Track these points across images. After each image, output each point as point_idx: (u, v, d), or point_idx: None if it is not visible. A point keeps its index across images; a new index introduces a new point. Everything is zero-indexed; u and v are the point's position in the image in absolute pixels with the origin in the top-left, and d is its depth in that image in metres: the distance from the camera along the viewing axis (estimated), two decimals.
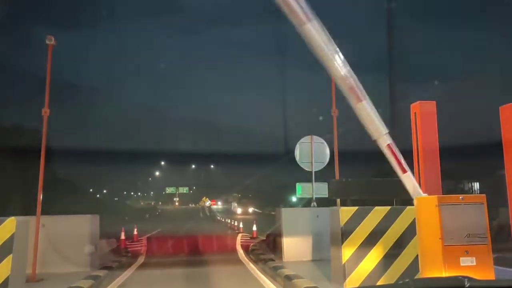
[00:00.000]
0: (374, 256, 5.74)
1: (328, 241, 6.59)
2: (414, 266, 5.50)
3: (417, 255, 5.47)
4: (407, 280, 1.89)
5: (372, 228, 5.79)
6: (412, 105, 4.78)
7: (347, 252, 5.77)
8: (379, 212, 5.88)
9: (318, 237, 9.19)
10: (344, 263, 5.78)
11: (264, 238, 15.02)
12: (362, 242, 5.77)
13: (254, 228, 17.14)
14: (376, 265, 5.75)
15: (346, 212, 5.90)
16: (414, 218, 5.81)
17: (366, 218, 5.86)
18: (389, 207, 5.94)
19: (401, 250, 5.74)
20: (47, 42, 7.91)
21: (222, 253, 13.14)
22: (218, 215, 49.66)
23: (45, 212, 7.93)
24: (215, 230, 24.10)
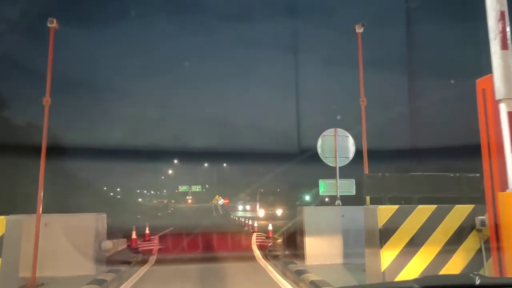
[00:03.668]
0: (419, 263, 4.93)
1: (355, 243, 5.85)
2: (466, 272, 4.70)
3: (470, 260, 4.69)
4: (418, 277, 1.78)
5: (416, 230, 4.99)
6: (478, 81, 3.95)
7: (387, 257, 4.97)
8: (423, 211, 5.07)
9: (344, 239, 8.45)
10: (384, 271, 4.98)
11: (281, 238, 14.34)
12: (404, 246, 4.97)
13: (270, 227, 16.56)
14: (422, 273, 4.95)
15: (385, 211, 5.10)
16: (465, 219, 5.02)
17: (409, 218, 5.06)
18: (435, 206, 5.13)
19: (450, 255, 4.94)
20: (49, 25, 7.28)
21: (237, 253, 12.47)
22: (232, 215, 46.99)
23: (60, 209, 7.37)
24: (229, 228, 23.50)
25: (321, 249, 8.58)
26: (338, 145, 9.50)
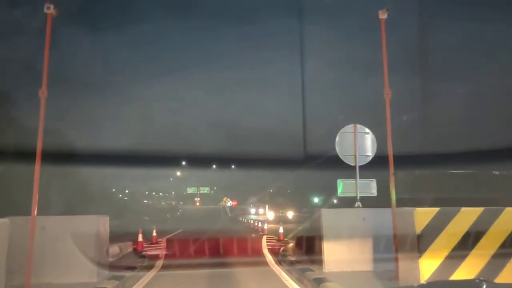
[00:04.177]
0: (466, 273, 4.26)
1: (379, 249, 5.22)
2: None
3: None
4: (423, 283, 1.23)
5: (461, 236, 4.32)
6: None
7: (428, 267, 4.30)
8: (468, 215, 4.41)
9: (366, 244, 7.78)
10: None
11: (293, 242, 13.72)
12: (448, 255, 4.30)
13: (281, 230, 16.01)
14: None
15: (423, 215, 4.43)
16: None
17: (451, 222, 4.39)
18: (482, 208, 4.45)
19: (503, 264, 4.26)
20: (46, 11, 6.73)
21: (248, 257, 11.83)
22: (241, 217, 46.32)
23: (66, 212, 6.83)
24: (238, 230, 22.95)
25: (341, 255, 7.90)
26: (358, 142, 8.84)
